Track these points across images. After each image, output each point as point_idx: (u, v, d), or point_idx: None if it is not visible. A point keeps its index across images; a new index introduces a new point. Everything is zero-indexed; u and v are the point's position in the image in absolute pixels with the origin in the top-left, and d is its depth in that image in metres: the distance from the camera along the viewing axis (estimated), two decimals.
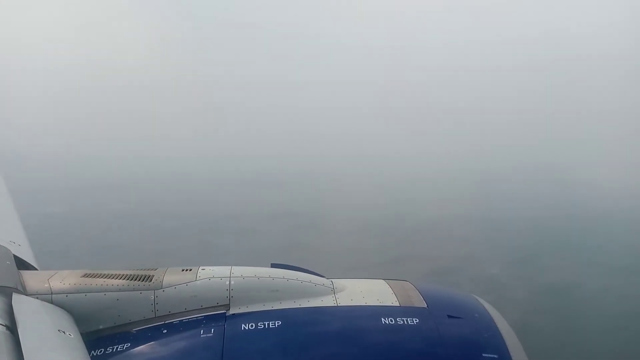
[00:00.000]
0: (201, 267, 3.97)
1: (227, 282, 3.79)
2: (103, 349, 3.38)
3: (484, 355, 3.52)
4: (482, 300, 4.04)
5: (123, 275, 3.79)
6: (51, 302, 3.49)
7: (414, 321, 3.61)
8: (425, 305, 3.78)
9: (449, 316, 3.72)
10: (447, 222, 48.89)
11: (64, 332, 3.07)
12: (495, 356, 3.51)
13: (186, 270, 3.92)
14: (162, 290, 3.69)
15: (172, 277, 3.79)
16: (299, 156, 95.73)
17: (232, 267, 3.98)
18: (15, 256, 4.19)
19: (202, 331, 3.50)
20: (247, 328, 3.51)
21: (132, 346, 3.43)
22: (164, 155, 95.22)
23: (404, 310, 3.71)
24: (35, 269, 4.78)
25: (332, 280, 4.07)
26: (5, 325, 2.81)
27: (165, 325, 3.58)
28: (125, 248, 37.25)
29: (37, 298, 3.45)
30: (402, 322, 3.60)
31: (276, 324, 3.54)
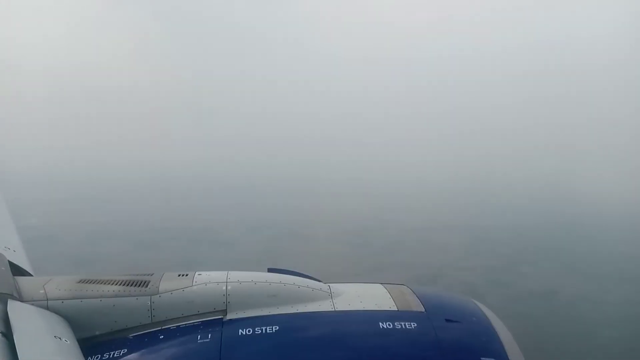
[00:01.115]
0: (197, 273, 3.94)
1: (224, 287, 3.76)
2: (99, 355, 3.36)
3: (482, 359, 3.50)
4: (480, 304, 4.02)
5: (119, 281, 3.76)
6: (47, 308, 3.46)
7: (412, 325, 3.59)
8: (423, 310, 3.75)
9: (447, 320, 3.70)
10: (431, 231, 49.25)
11: (60, 338, 3.05)
12: None
13: (182, 275, 3.90)
14: (158, 295, 3.65)
15: (168, 283, 3.76)
16: (280, 164, 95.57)
17: (229, 272, 3.95)
18: (10, 262, 4.17)
19: (199, 336, 3.47)
20: (244, 333, 3.48)
21: (129, 352, 3.40)
22: (144, 163, 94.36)
23: (402, 315, 3.69)
24: (31, 275, 4.75)
25: (329, 284, 4.06)
26: (1, 332, 2.81)
27: (161, 331, 3.55)
28: (103, 260, 36.58)
29: (32, 304, 3.43)
30: (400, 327, 3.57)
31: (273, 329, 3.51)
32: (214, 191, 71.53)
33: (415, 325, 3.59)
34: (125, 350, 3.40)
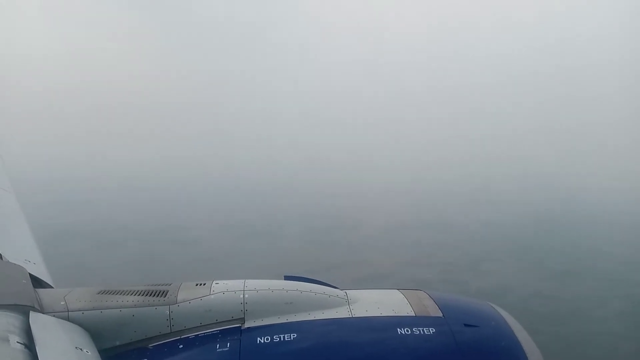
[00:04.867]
0: (215, 282, 3.97)
1: (242, 296, 3.79)
2: None
3: None
4: (498, 308, 4.03)
5: (138, 291, 3.79)
6: (68, 319, 3.49)
7: (430, 331, 3.61)
8: (441, 315, 3.78)
9: (466, 325, 3.72)
10: (399, 229, 49.31)
11: (81, 349, 3.09)
12: None
13: (200, 284, 3.93)
14: (177, 305, 3.68)
15: (186, 292, 3.79)
16: (252, 162, 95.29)
17: (246, 280, 4.00)
18: (31, 275, 4.19)
19: (217, 345, 3.49)
20: (262, 341, 3.51)
21: None
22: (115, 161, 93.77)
23: (420, 320, 3.71)
24: (51, 287, 4.76)
25: (346, 291, 4.08)
26: (24, 344, 2.82)
27: (181, 340, 3.57)
28: (73, 264, 35.90)
29: (54, 316, 3.45)
30: (418, 332, 3.59)
31: (291, 337, 3.53)
32: (190, 191, 71.14)
33: (434, 330, 3.61)
34: None
